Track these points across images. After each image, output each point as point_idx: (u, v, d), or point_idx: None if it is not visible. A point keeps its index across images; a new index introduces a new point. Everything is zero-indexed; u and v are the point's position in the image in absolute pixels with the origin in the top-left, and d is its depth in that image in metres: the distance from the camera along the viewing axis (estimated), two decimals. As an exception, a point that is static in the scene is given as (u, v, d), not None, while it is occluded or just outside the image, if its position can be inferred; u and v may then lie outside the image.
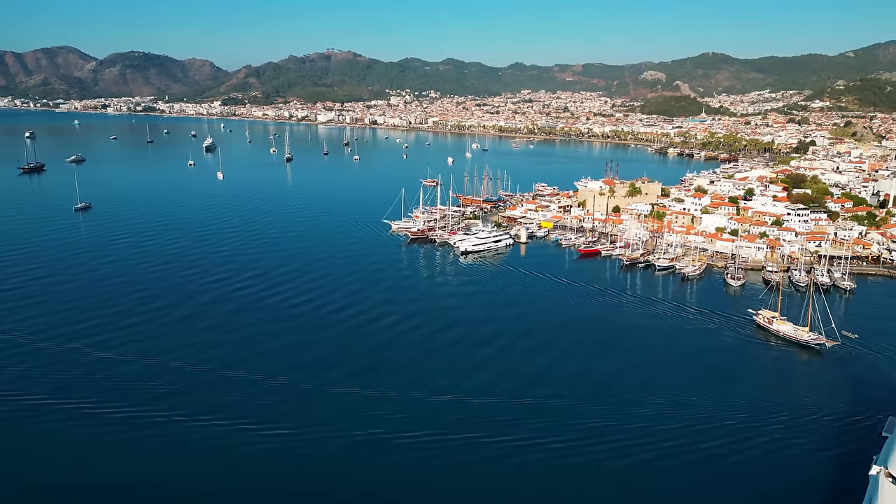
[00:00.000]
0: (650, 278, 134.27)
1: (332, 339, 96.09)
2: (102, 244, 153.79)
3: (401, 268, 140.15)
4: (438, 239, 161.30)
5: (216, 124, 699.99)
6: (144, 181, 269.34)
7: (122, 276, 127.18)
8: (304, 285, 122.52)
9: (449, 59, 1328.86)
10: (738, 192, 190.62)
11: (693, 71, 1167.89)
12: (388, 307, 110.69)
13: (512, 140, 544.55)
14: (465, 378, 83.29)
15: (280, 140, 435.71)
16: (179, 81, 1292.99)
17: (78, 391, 77.69)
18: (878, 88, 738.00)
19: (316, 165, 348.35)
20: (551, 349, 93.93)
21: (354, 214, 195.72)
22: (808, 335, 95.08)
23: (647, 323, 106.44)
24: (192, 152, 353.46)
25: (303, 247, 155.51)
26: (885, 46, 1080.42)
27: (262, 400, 76.97)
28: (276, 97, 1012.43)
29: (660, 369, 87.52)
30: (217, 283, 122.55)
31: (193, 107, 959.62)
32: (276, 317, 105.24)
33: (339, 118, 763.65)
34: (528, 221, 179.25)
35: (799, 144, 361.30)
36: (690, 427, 72.39)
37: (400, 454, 66.67)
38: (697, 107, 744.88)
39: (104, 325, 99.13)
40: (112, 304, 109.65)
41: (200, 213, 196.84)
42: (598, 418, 73.94)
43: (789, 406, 77.51)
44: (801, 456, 67.69)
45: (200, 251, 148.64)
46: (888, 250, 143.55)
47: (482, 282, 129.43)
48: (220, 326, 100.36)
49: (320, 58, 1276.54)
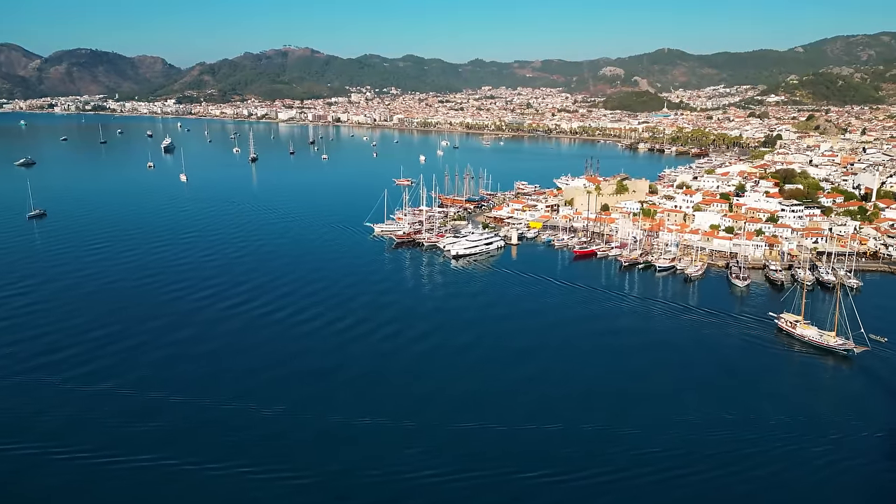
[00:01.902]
0: (652, 280, 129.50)
1: (331, 356, 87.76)
2: (61, 254, 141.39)
3: (392, 275, 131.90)
4: (426, 242, 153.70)
5: (172, 123, 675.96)
6: (103, 185, 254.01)
7: (84, 288, 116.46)
8: (288, 297, 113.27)
9: (409, 56, 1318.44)
10: (726, 188, 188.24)
11: (650, 67, 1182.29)
12: (389, 319, 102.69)
13: (481, 137, 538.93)
14: (489, 401, 76.31)
15: (243, 139, 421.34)
16: (130, 79, 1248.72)
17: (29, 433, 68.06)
18: (830, 83, 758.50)
19: (283, 165, 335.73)
20: (574, 366, 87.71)
21: (332, 217, 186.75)
22: (835, 340, 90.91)
23: (661, 330, 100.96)
24: (150, 153, 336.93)
25: (281, 253, 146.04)
26: (832, 41, 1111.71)
27: (257, 437, 68.42)
28: (232, 95, 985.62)
29: (688, 384, 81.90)
30: (199, 297, 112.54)
31: (146, 105, 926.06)
32: (260, 333, 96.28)
33: (301, 116, 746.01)
34: (517, 222, 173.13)
35: (766, 139, 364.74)
36: (736, 451, 66.61)
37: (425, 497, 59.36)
38: (658, 102, 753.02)
39: (66, 345, 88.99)
40: (76, 320, 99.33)
41: (166, 218, 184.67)
42: (635, 444, 67.78)
43: (834, 421, 72.78)
44: (868, 479, 62.80)
45: (170, 259, 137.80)
46: (885, 245, 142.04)
47: (481, 290, 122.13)
48: (197, 344, 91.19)
49: (277, 54, 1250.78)
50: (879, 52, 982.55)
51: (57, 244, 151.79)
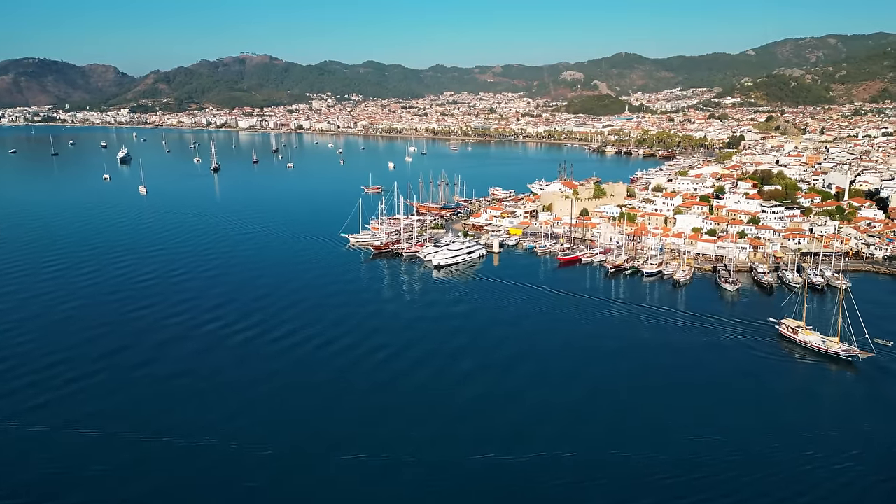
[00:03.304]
0: (639, 285, 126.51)
1: (321, 387, 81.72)
2: (12, 274, 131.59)
3: (371, 288, 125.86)
4: (406, 252, 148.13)
5: (127, 133, 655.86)
6: (58, 199, 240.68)
7: (34, 309, 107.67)
8: (260, 314, 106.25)
9: (369, 62, 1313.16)
10: (705, 189, 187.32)
11: (609, 71, 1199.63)
12: (376, 338, 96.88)
13: (448, 142, 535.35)
14: (498, 429, 71.28)
15: (203, 149, 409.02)
16: (81, 89, 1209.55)
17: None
18: (784, 84, 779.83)
19: (247, 175, 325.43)
20: (574, 381, 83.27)
21: (303, 228, 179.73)
22: (839, 346, 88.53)
23: (656, 339, 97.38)
24: (106, 165, 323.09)
25: (251, 267, 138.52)
26: (782, 44, 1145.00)
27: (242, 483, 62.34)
28: (189, 103, 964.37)
29: (694, 398, 78.33)
30: (167, 314, 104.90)
31: (99, 115, 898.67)
32: (229, 353, 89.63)
33: (262, 124, 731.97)
34: (496, 228, 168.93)
35: (731, 140, 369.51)
36: (768, 476, 62.55)
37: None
38: (620, 105, 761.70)
39: (12, 376, 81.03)
40: (28, 346, 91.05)
41: (128, 233, 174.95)
42: (663, 470, 63.59)
43: (854, 435, 69.60)
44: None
45: (133, 277, 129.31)
46: (866, 245, 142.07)
47: (469, 301, 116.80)
48: (162, 366, 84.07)
49: (234, 62, 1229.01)
50: (827, 54, 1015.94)
51: (7, 264, 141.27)
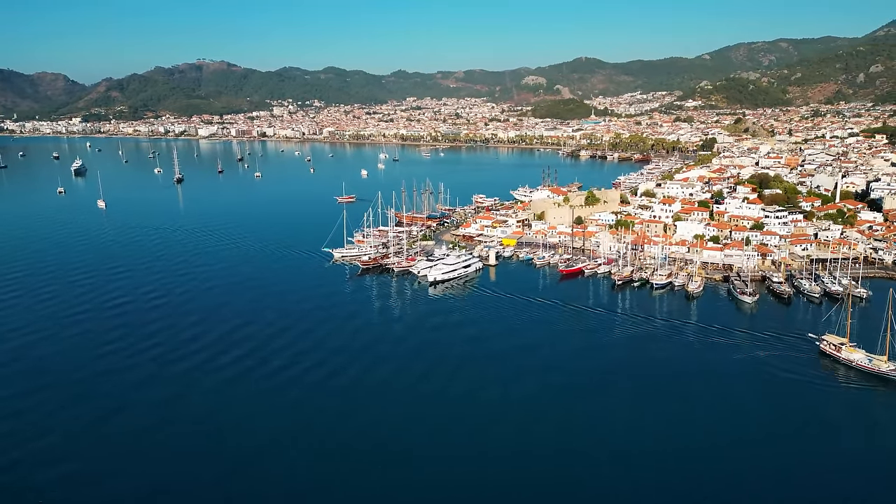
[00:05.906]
0: (649, 298, 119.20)
1: (329, 419, 71.67)
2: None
3: (367, 311, 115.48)
4: (396, 267, 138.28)
5: (80, 143, 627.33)
6: (8, 215, 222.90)
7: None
8: (253, 350, 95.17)
9: (330, 68, 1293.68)
10: (700, 195, 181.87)
11: (570, 75, 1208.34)
12: (381, 370, 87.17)
13: (418, 148, 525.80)
14: (538, 485, 62.47)
15: (164, 158, 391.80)
16: (29, 98, 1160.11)
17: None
18: (742, 87, 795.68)
19: (213, 186, 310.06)
20: (607, 407, 75.18)
21: (280, 242, 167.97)
22: (887, 365, 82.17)
23: (684, 359, 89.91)
24: (59, 177, 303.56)
25: (231, 290, 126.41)
26: (736, 48, 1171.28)
27: None
28: (144, 111, 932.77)
29: (742, 428, 71.16)
30: (137, 339, 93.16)
31: (50, 125, 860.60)
32: (228, 405, 78.85)
33: (223, 132, 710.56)
34: (488, 239, 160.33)
35: (704, 142, 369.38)
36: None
37: None
38: (585, 109, 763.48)
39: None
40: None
41: (89, 253, 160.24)
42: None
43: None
44: None
45: (98, 299, 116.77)
46: (874, 250, 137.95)
47: (476, 322, 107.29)
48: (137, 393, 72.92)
49: (190, 68, 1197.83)
50: (779, 58, 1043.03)
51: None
